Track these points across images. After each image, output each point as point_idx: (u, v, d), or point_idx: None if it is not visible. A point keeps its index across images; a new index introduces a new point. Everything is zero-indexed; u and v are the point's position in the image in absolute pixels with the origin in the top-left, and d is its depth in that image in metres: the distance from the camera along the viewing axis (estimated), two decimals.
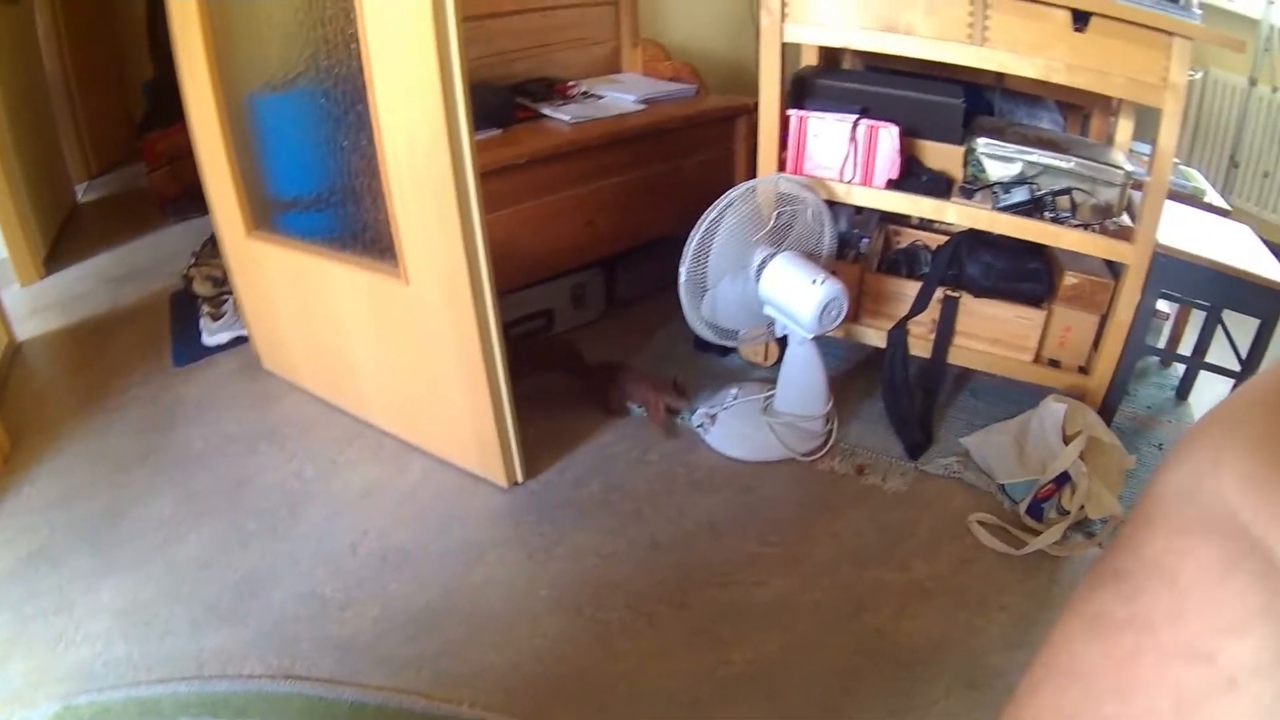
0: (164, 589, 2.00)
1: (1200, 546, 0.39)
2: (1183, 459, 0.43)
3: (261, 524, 2.19)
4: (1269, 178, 4.42)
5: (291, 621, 1.91)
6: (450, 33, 1.76)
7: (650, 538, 2.17)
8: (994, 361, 2.62)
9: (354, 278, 2.24)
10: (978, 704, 1.85)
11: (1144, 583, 0.41)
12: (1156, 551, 0.41)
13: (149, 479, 2.35)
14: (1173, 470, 0.43)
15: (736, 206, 2.21)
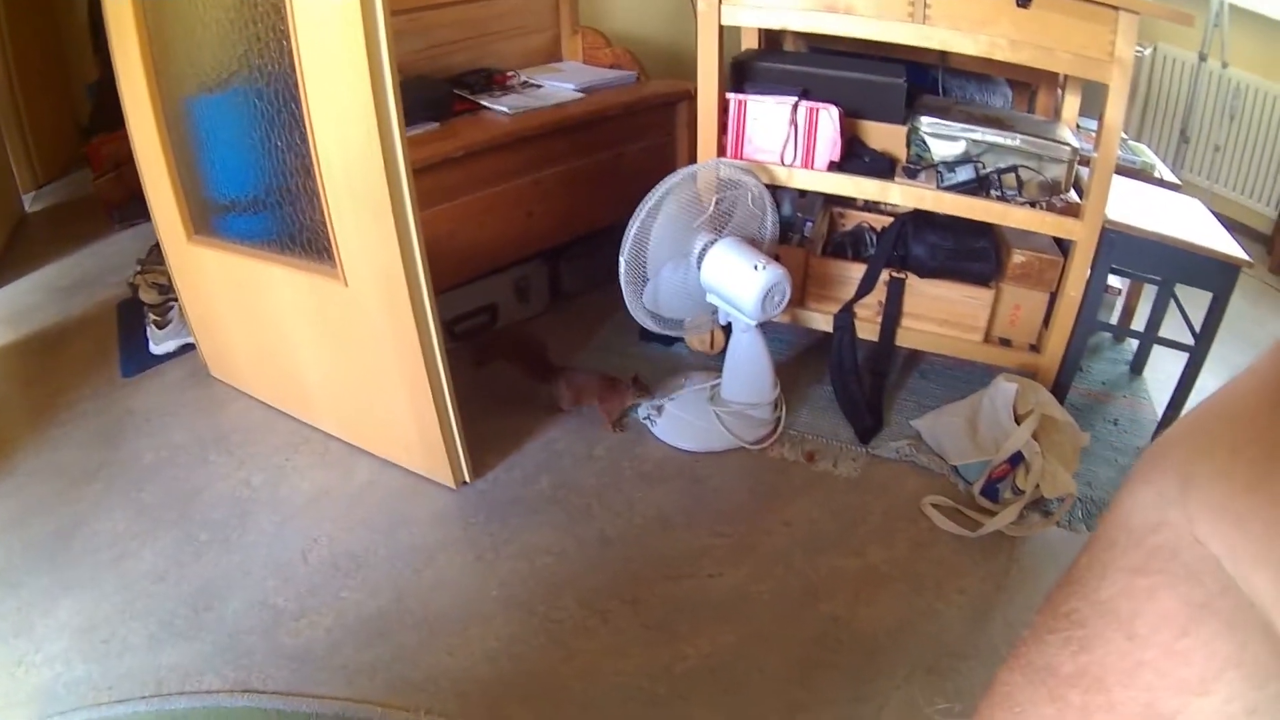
0: (120, 605, 1.97)
1: (1163, 589, 0.36)
2: (1145, 482, 0.39)
3: (213, 535, 2.16)
4: (1220, 152, 4.44)
5: (246, 633, 1.90)
6: (379, 28, 1.74)
7: (600, 533, 2.15)
8: (943, 342, 2.61)
9: (294, 280, 2.21)
10: (939, 689, 1.84)
11: (1097, 630, 0.37)
12: (1113, 594, 0.37)
13: (101, 494, 2.31)
14: (1134, 495, 0.39)
15: (676, 193, 2.18)
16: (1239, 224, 4.47)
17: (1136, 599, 0.36)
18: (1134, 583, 0.37)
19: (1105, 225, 2.35)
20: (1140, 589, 0.36)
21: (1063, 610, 0.39)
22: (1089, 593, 0.38)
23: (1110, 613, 0.37)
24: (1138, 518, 0.38)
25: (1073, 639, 0.38)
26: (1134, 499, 0.39)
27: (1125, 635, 0.36)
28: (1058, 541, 2.27)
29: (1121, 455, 2.62)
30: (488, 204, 2.64)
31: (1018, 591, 2.11)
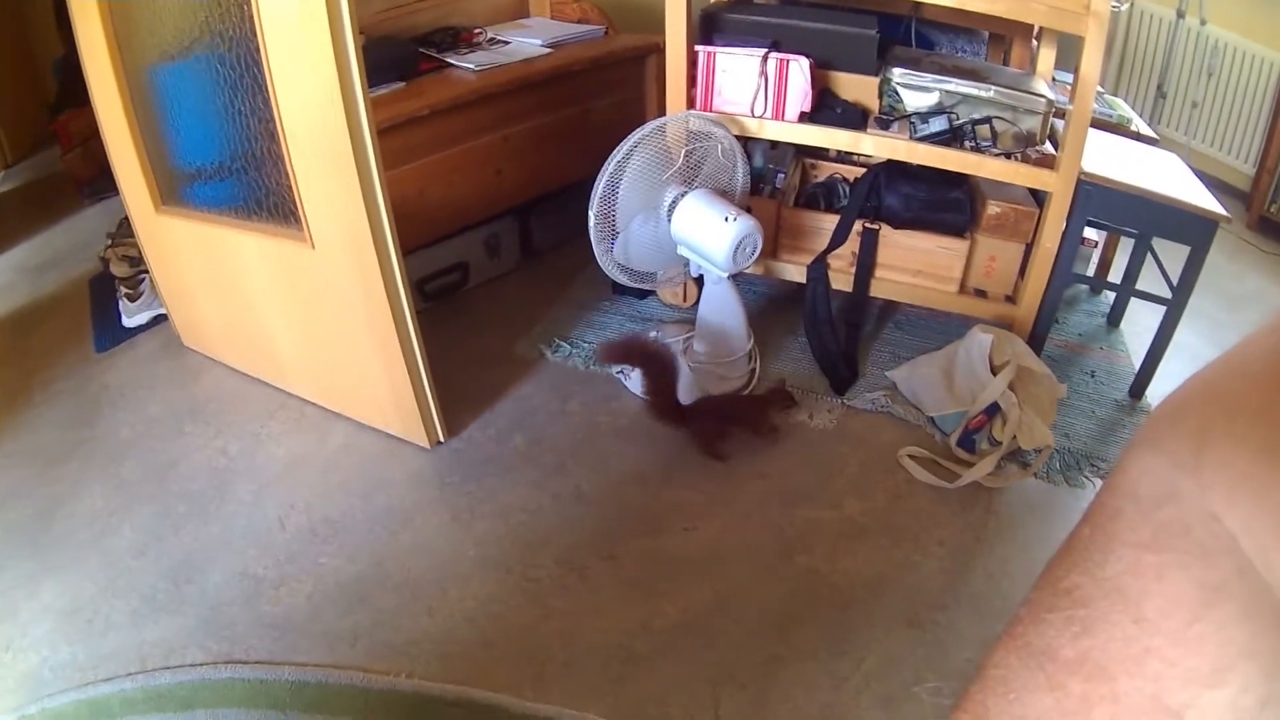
0: (102, 584, 1.96)
1: (1174, 568, 0.33)
2: (1155, 446, 0.36)
3: (191, 507, 2.15)
4: (1197, 108, 4.44)
5: (227, 605, 1.89)
6: None
7: (576, 490, 2.15)
8: (918, 293, 2.60)
9: (262, 246, 2.20)
10: (919, 641, 1.84)
11: (1101, 611, 0.35)
12: (1119, 571, 0.35)
13: (79, 472, 2.30)
14: (1142, 460, 0.36)
15: (644, 146, 2.16)
16: (1217, 180, 4.48)
17: (1145, 578, 0.34)
18: (1142, 559, 0.34)
19: (1081, 177, 2.34)
20: (1149, 567, 0.34)
21: (1064, 585, 0.37)
22: (1093, 568, 0.36)
23: (1116, 592, 0.34)
24: (1146, 486, 0.35)
25: (1074, 619, 0.35)
26: (1142, 464, 0.36)
27: (1132, 619, 0.33)
28: (1035, 493, 2.27)
29: (1099, 407, 2.62)
30: (455, 162, 2.62)
31: (997, 543, 2.11)
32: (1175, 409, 0.36)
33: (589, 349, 2.62)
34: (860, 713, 1.70)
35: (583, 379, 2.53)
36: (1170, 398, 0.37)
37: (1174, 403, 0.37)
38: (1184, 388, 0.37)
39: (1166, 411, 0.37)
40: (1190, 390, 0.36)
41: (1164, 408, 0.37)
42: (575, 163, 2.73)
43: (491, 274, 2.94)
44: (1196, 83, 4.42)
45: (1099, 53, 2.20)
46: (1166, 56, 4.32)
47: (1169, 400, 0.37)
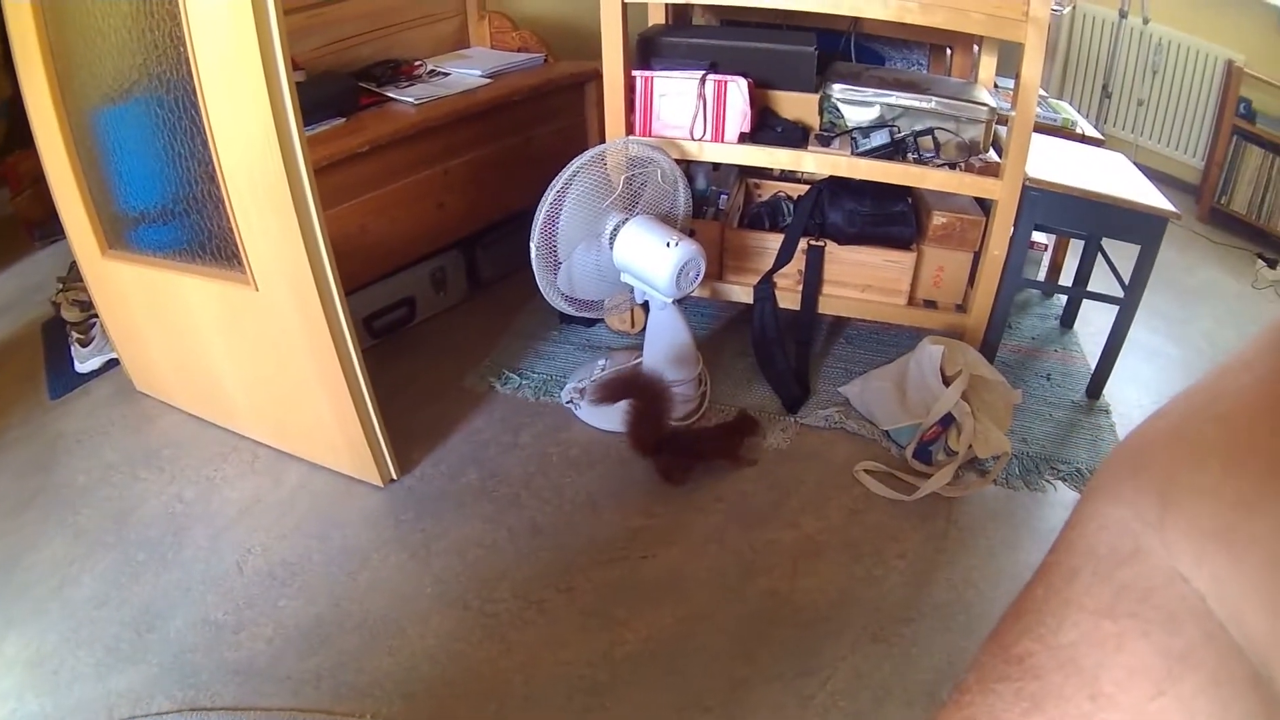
0: (65, 634, 1.93)
1: (1135, 636, 0.30)
2: (1114, 497, 0.33)
3: (150, 554, 2.12)
4: (1143, 106, 4.49)
5: (190, 651, 1.87)
6: (273, 28, 1.71)
7: (530, 522, 2.13)
8: (866, 308, 2.61)
9: (207, 288, 2.18)
10: (885, 655, 1.84)
11: (1054, 685, 0.32)
12: (1074, 640, 0.32)
13: (38, 522, 2.26)
14: (1101, 514, 0.33)
15: (584, 174, 2.15)
16: (1166, 176, 4.53)
17: (1103, 648, 0.31)
18: (1100, 628, 0.31)
19: (1026, 183, 2.36)
20: (1107, 636, 0.31)
21: (1015, 652, 0.33)
22: (1046, 635, 0.33)
23: (1070, 663, 0.31)
24: (1105, 543, 0.32)
25: (1024, 693, 0.32)
26: (1100, 518, 0.33)
27: (1088, 694, 0.31)
28: (996, 500, 2.28)
29: (1056, 409, 2.63)
30: (397, 197, 2.61)
31: (959, 553, 2.11)
32: (1136, 454, 0.34)
33: (538, 379, 2.61)
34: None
35: (533, 410, 2.52)
36: (1129, 440, 0.34)
37: (1134, 446, 0.34)
38: (1145, 429, 0.34)
39: (1126, 457, 0.34)
40: (1152, 432, 0.34)
41: (1123, 452, 0.35)
42: (518, 192, 2.72)
43: (439, 308, 2.92)
44: (1141, 81, 4.47)
45: (1039, 58, 2.21)
46: (1110, 57, 4.36)
47: (1128, 443, 0.34)
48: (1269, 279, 3.99)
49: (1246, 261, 4.13)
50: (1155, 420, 0.34)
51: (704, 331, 2.89)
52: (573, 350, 2.75)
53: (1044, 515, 2.28)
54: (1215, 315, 3.52)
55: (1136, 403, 2.78)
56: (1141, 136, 4.56)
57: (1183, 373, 3.05)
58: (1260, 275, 4.00)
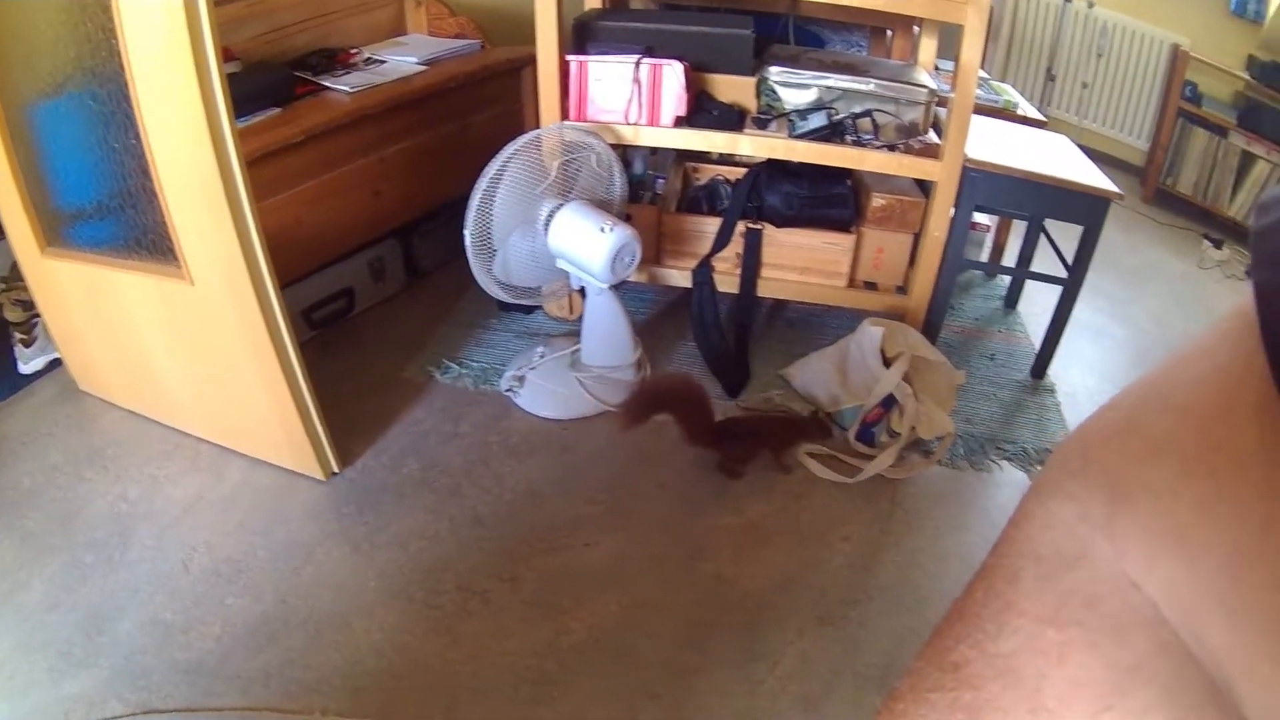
0: (18, 640, 1.90)
1: (1080, 646, 0.28)
2: (1060, 493, 0.31)
3: (97, 555, 2.09)
4: (1088, 89, 4.52)
5: (141, 653, 1.85)
6: (203, 19, 1.69)
7: (473, 513, 2.12)
8: (806, 290, 2.61)
9: (144, 285, 2.15)
10: (834, 639, 1.84)
11: (991, 695, 0.29)
12: (1014, 648, 0.29)
13: None
14: (1045, 512, 0.31)
15: (517, 160, 2.13)
16: (1111, 158, 4.57)
17: (1045, 659, 0.28)
18: (1043, 635, 0.29)
19: (966, 164, 2.36)
20: (1050, 646, 0.29)
21: (951, 659, 0.31)
22: (984, 641, 0.30)
23: (1010, 673, 0.29)
24: (1049, 544, 0.30)
25: (960, 703, 0.30)
26: (1045, 516, 0.31)
27: (1028, 708, 0.28)
28: (941, 480, 2.29)
29: (1001, 389, 2.65)
30: (333, 187, 2.57)
31: (904, 534, 2.12)
32: (1084, 448, 0.31)
33: (478, 368, 2.59)
34: (780, 715, 1.69)
35: (472, 399, 2.50)
36: (1078, 432, 0.32)
37: (1083, 439, 0.32)
38: (1095, 420, 0.32)
39: (1074, 450, 0.31)
40: (1102, 424, 0.31)
41: (1071, 445, 0.32)
42: (455, 180, 2.68)
43: (377, 298, 2.90)
44: (1086, 64, 4.50)
45: (979, 40, 2.21)
46: (1055, 40, 4.39)
47: (1077, 435, 0.32)
48: (1215, 259, 4.03)
49: (1192, 242, 4.18)
50: (1106, 411, 0.31)
51: (643, 316, 2.89)
52: (512, 338, 2.73)
53: (990, 495, 2.30)
54: (1160, 295, 3.55)
55: (1081, 382, 2.80)
56: (1085, 119, 4.60)
57: (1127, 352, 3.07)
58: (1206, 255, 4.05)
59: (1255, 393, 0.26)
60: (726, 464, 2.26)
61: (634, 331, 2.43)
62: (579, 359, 2.46)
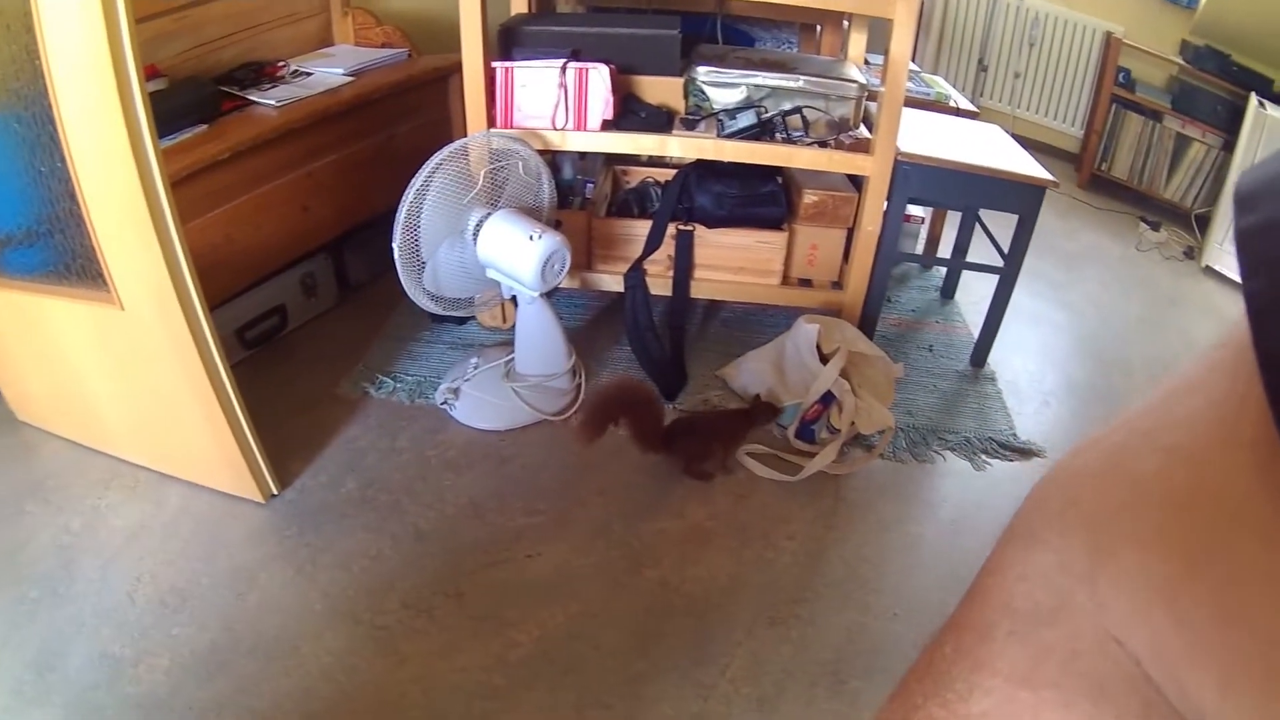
0: None
1: (1055, 709, 0.26)
2: (1037, 542, 0.28)
3: (43, 590, 2.05)
4: (1020, 79, 4.57)
5: (91, 689, 1.81)
6: (124, 40, 1.67)
7: (414, 529, 2.10)
8: (740, 290, 2.61)
9: (75, 311, 2.12)
10: (783, 638, 1.84)
11: None
12: (985, 710, 0.28)
13: None
14: (1019, 562, 0.29)
15: (444, 170, 2.11)
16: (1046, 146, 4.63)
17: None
18: (1015, 698, 0.27)
19: (898, 158, 2.37)
20: (1024, 708, 0.27)
21: (918, 717, 0.30)
22: (953, 700, 0.28)
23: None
24: (1025, 597, 0.28)
25: None
26: (1021, 567, 0.29)
27: None
28: (883, 473, 2.30)
29: (940, 380, 2.66)
30: (262, 203, 2.53)
31: (849, 529, 2.12)
32: (1064, 490, 0.29)
33: (412, 381, 2.55)
34: (734, 718, 1.69)
35: (408, 413, 2.47)
36: (1057, 472, 0.29)
37: (1062, 480, 0.29)
38: (1075, 460, 0.29)
39: (1052, 492, 0.29)
40: (1083, 465, 0.29)
41: (1048, 486, 0.29)
42: (384, 191, 2.65)
43: (310, 314, 2.85)
44: (1018, 54, 4.55)
45: (909, 34, 2.22)
46: (986, 31, 4.43)
47: (1055, 475, 0.29)
48: (1153, 241, 4.08)
49: (1129, 225, 4.23)
50: (1087, 450, 0.29)
51: (577, 323, 2.88)
52: (445, 349, 2.70)
53: (934, 486, 2.31)
54: (1099, 279, 3.59)
55: (1022, 368, 2.83)
56: (1019, 108, 4.65)
57: (1068, 337, 3.10)
58: (1144, 238, 4.10)
59: (1252, 428, 0.24)
60: (687, 465, 2.25)
61: (568, 339, 2.41)
62: (513, 369, 2.44)
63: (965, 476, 2.35)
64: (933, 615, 1.93)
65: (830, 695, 1.74)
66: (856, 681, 1.76)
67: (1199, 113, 4.25)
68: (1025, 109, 4.68)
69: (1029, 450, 2.45)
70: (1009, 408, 2.61)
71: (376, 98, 2.77)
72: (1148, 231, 4.15)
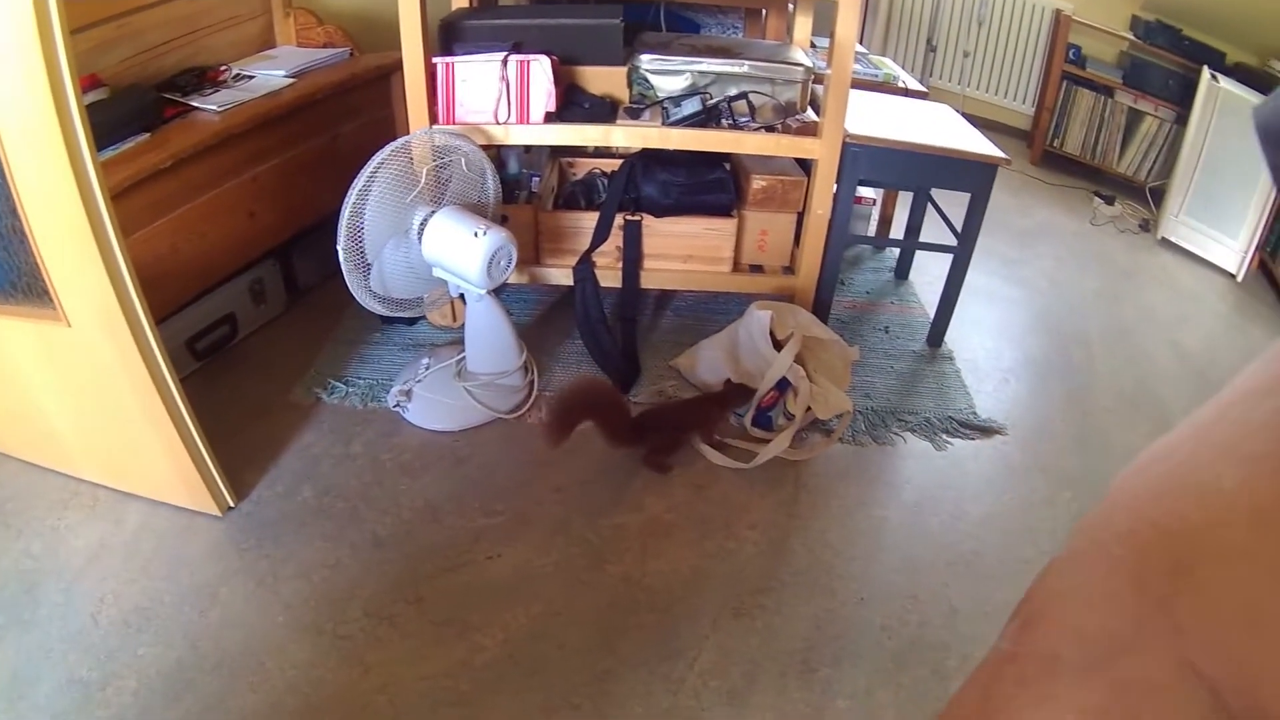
0: None
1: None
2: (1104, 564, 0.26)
3: (8, 617, 2.01)
4: (969, 57, 4.58)
5: (63, 716, 1.78)
6: (58, 48, 1.63)
7: (372, 536, 2.07)
8: (691, 278, 2.60)
9: (23, 329, 2.08)
10: (750, 629, 1.83)
11: None
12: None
13: None
14: (1086, 584, 0.27)
15: (386, 169, 2.07)
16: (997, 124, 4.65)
17: None
18: None
19: (847, 140, 2.37)
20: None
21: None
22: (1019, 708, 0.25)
23: None
24: (1096, 625, 0.26)
25: None
26: (1090, 591, 0.27)
27: None
28: (843, 458, 2.29)
29: (897, 361, 2.66)
30: (207, 210, 2.48)
31: (811, 516, 2.11)
32: (1133, 504, 0.27)
33: (364, 385, 2.51)
34: (705, 711, 1.67)
35: (361, 418, 2.44)
36: (1120, 486, 0.27)
37: (1129, 495, 0.27)
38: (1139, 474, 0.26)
39: (1119, 507, 0.27)
40: (1152, 478, 0.27)
41: (1115, 502, 0.26)
42: (330, 193, 2.60)
43: (260, 320, 2.81)
44: (967, 33, 4.56)
45: (855, 15, 2.22)
46: (935, 11, 4.44)
47: (1119, 490, 0.27)
48: (1107, 215, 4.11)
49: (1082, 200, 4.25)
50: (1152, 463, 0.27)
51: (527, 318, 2.86)
52: (396, 351, 2.67)
53: (896, 468, 2.31)
54: (1054, 254, 3.61)
55: (980, 346, 2.83)
56: (969, 88, 4.66)
57: (1025, 313, 3.11)
58: (1098, 212, 4.12)
59: None
60: (646, 456, 2.24)
61: (518, 335, 2.39)
62: (465, 368, 2.41)
63: (927, 457, 2.35)
64: (899, 598, 1.95)
65: (801, 684, 1.73)
66: (826, 669, 1.76)
67: (1151, 87, 4.29)
68: (975, 88, 4.70)
69: (990, 428, 2.46)
70: (968, 386, 2.62)
71: (319, 98, 2.74)
72: (1102, 206, 4.18)
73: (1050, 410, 2.63)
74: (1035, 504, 2.25)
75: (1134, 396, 2.77)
